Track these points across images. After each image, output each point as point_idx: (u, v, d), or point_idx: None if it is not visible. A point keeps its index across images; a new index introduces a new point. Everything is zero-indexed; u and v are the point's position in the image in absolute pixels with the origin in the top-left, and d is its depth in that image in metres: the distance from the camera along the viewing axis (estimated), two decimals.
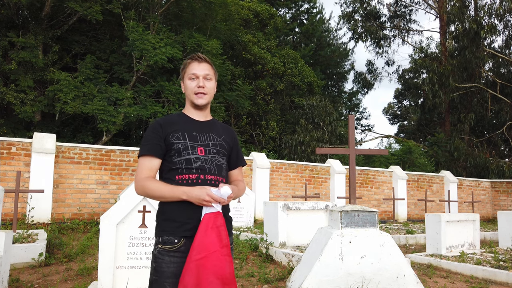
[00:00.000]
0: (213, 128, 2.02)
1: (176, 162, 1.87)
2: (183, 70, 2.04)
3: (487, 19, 21.82)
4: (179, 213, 1.81)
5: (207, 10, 14.60)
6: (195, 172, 1.86)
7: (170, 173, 1.89)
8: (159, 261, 1.80)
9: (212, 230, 1.74)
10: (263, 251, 5.90)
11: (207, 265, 1.68)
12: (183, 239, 1.79)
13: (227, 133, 2.07)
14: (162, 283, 1.76)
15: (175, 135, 1.90)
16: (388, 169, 14.07)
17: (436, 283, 4.96)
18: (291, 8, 25.85)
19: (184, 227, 1.80)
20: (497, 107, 22.38)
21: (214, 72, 2.04)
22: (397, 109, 32.40)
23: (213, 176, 1.90)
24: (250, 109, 17.37)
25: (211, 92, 2.01)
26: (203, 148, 1.92)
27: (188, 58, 2.04)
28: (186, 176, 1.85)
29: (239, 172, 2.15)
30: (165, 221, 1.84)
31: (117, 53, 14.09)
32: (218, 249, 1.71)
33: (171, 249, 1.79)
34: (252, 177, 11.11)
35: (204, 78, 1.98)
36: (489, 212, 16.22)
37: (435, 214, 6.60)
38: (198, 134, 1.95)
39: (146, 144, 1.90)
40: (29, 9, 12.63)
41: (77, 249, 5.77)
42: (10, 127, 12.51)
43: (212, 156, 1.93)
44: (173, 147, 1.88)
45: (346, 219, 3.78)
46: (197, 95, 1.97)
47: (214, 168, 1.91)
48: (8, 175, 7.93)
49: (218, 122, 2.11)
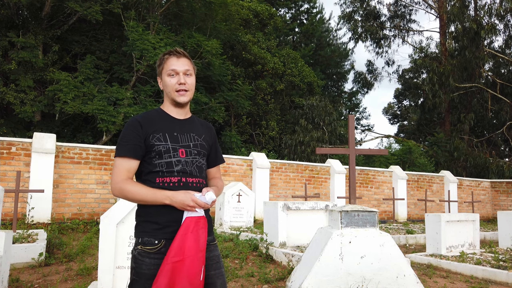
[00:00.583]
0: (193, 127, 1.96)
1: (156, 165, 1.81)
2: (160, 66, 1.93)
3: (487, 19, 21.83)
4: (160, 215, 1.77)
5: (207, 10, 14.59)
6: (177, 175, 1.81)
7: (150, 175, 1.82)
8: (139, 262, 1.75)
9: (192, 234, 1.72)
10: (263, 251, 5.90)
11: (182, 268, 1.66)
12: (163, 241, 1.75)
13: (207, 132, 2.02)
14: (143, 284, 1.72)
15: (156, 136, 1.83)
16: (388, 169, 14.07)
17: (436, 283, 4.96)
18: (291, 8, 25.85)
19: (165, 230, 1.76)
20: (497, 107, 22.38)
21: (193, 67, 1.95)
22: (397, 109, 32.40)
23: (194, 178, 1.86)
24: (250, 109, 17.37)
25: (192, 89, 1.93)
26: (184, 150, 1.86)
27: (165, 53, 1.93)
28: (168, 179, 1.80)
29: (217, 170, 2.10)
30: (145, 223, 1.80)
31: (117, 53, 14.09)
32: (194, 253, 1.70)
33: (151, 250, 1.75)
34: (252, 177, 11.11)
35: (184, 74, 1.89)
36: (489, 212, 16.22)
37: (435, 214, 6.60)
38: (179, 134, 1.88)
39: (125, 144, 1.81)
40: (29, 9, 12.63)
41: (77, 249, 5.77)
42: (10, 127, 12.51)
43: (193, 157, 1.88)
44: (154, 148, 1.81)
45: (346, 219, 3.78)
46: (178, 93, 1.88)
47: (195, 170, 1.87)
48: (8, 175, 7.93)
49: (198, 120, 2.05)
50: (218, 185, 2.03)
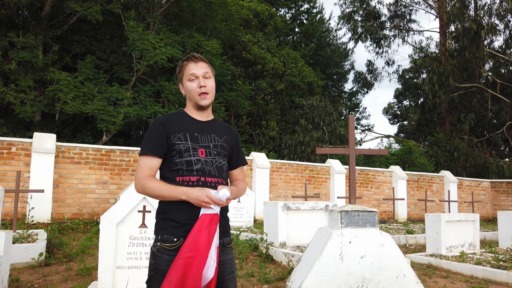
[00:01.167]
0: (214, 129, 2.02)
1: (177, 163, 1.88)
2: (179, 72, 2.02)
3: (487, 19, 21.84)
4: (179, 213, 1.83)
5: (207, 10, 14.59)
6: (196, 174, 1.87)
7: (171, 174, 1.89)
8: (158, 258, 1.81)
9: (206, 230, 1.76)
10: (263, 251, 5.90)
11: (193, 263, 1.70)
12: (182, 238, 1.80)
13: (228, 134, 2.07)
14: (160, 280, 1.77)
15: (177, 135, 1.90)
16: (388, 169, 14.07)
17: (436, 283, 4.96)
18: (291, 8, 25.85)
19: (184, 228, 1.81)
20: (497, 107, 22.37)
21: (211, 70, 2.02)
22: (397, 109, 32.39)
23: (213, 178, 1.90)
24: (250, 109, 17.37)
25: (213, 91, 2.00)
26: (204, 149, 1.92)
27: (183, 60, 2.02)
28: (187, 178, 1.86)
29: (240, 172, 2.15)
30: (164, 220, 1.86)
31: (117, 53, 14.09)
32: (206, 249, 1.74)
33: (170, 247, 1.80)
34: (252, 177, 11.11)
35: (203, 77, 1.96)
36: (489, 212, 16.22)
37: (435, 214, 6.60)
38: (199, 135, 1.94)
39: (148, 143, 1.89)
40: (29, 9, 12.63)
41: (77, 249, 5.77)
42: (10, 127, 12.51)
43: (213, 157, 1.93)
44: (175, 147, 1.88)
45: (346, 219, 3.78)
46: (201, 96, 1.96)
47: (214, 170, 1.92)
48: (8, 175, 7.93)
49: (219, 122, 2.11)
50: (238, 186, 2.07)
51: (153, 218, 3.57)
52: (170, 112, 13.07)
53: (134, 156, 9.29)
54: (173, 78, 13.91)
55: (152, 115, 12.73)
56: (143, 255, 3.56)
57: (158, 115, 12.67)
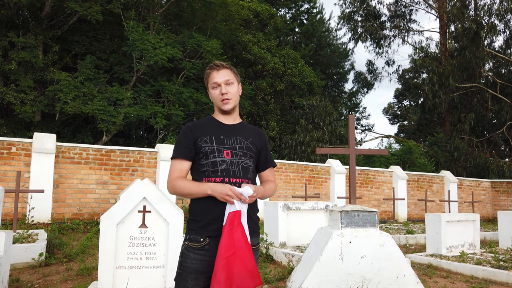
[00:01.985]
0: (241, 131, 2.10)
1: (203, 165, 1.98)
2: (206, 80, 2.13)
3: (487, 19, 21.83)
4: (204, 214, 1.93)
5: (207, 10, 14.59)
6: (220, 175, 1.95)
7: (199, 176, 1.99)
8: (185, 256, 1.94)
9: (238, 227, 1.86)
10: (263, 251, 5.90)
11: (236, 261, 1.81)
12: (208, 239, 1.91)
13: (256, 136, 2.14)
14: (185, 277, 1.91)
15: (203, 138, 2.00)
16: (388, 169, 14.07)
17: (436, 283, 4.96)
18: (291, 8, 25.85)
19: (209, 227, 1.91)
20: (497, 107, 22.37)
21: (234, 75, 2.10)
22: (397, 109, 32.38)
23: (238, 179, 1.98)
24: (250, 109, 17.37)
25: (235, 96, 2.08)
26: (229, 151, 2.00)
27: (207, 69, 2.11)
28: (212, 179, 1.95)
29: (270, 173, 2.22)
30: (192, 221, 1.98)
31: (117, 53, 14.09)
32: (244, 244, 1.84)
33: (196, 246, 1.92)
34: None
35: (225, 84, 2.05)
36: (489, 212, 16.22)
37: (435, 214, 6.60)
38: (225, 137, 2.04)
39: (178, 147, 2.03)
40: (29, 9, 12.63)
41: (77, 249, 5.77)
42: (10, 127, 12.51)
43: (239, 158, 2.01)
44: (201, 150, 1.98)
45: (346, 219, 3.78)
46: (223, 102, 2.05)
47: (239, 170, 1.99)
48: (8, 175, 7.93)
49: (247, 125, 2.18)
50: (266, 186, 2.16)
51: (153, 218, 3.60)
52: (171, 112, 12.98)
53: (134, 156, 9.29)
54: (173, 78, 13.91)
55: (152, 115, 12.73)
56: (143, 255, 3.56)
57: (158, 115, 12.69)
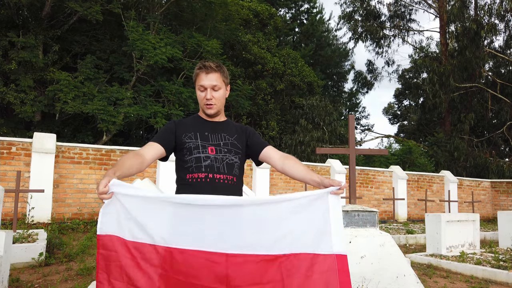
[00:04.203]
0: (226, 128, 2.09)
1: (187, 161, 1.95)
2: (194, 78, 2.10)
3: (487, 19, 21.82)
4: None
5: (207, 10, 14.59)
6: (204, 171, 1.92)
7: (183, 172, 1.97)
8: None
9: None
10: None
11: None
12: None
13: (241, 132, 2.11)
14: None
15: (188, 134, 2.00)
16: (388, 169, 14.06)
17: (436, 283, 4.96)
18: (291, 8, 25.85)
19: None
20: (497, 107, 22.36)
21: (222, 79, 2.05)
22: (397, 109, 32.36)
23: (222, 175, 1.94)
24: (250, 109, 17.36)
25: (219, 102, 2.05)
26: (214, 147, 1.98)
27: (197, 68, 2.06)
28: (196, 175, 1.92)
29: (272, 150, 2.10)
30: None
31: (117, 53, 14.08)
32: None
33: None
34: (252, 177, 11.11)
35: (211, 89, 2.01)
36: (489, 212, 16.22)
37: (435, 214, 6.60)
38: (210, 134, 2.03)
39: (156, 135, 2.03)
40: (29, 9, 12.62)
41: (77, 249, 5.78)
42: (10, 127, 12.51)
43: (223, 155, 1.98)
44: (185, 146, 1.97)
45: (346, 219, 3.78)
46: (206, 106, 2.04)
47: (223, 167, 1.96)
48: (8, 175, 7.93)
49: (232, 123, 2.17)
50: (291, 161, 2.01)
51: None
52: (171, 112, 12.94)
53: None
54: (173, 78, 13.90)
55: (152, 115, 12.72)
56: None
57: (158, 115, 12.69)
